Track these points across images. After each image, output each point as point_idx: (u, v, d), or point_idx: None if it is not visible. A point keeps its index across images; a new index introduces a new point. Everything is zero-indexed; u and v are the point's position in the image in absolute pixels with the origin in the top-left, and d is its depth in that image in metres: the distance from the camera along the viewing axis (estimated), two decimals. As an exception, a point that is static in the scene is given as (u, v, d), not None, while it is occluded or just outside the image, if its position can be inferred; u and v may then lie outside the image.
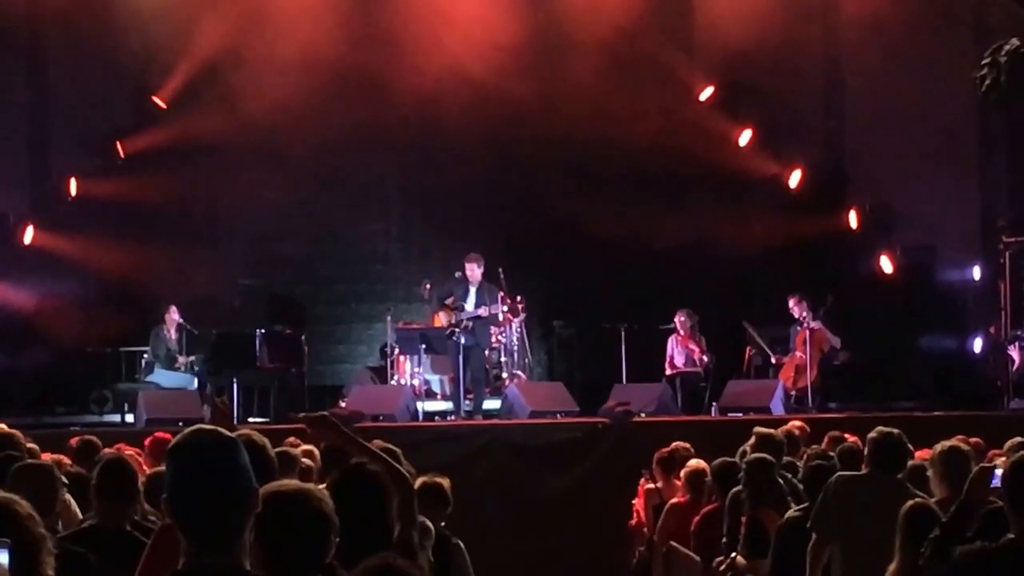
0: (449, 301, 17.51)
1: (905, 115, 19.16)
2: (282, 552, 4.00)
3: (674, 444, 12.40)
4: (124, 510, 6.41)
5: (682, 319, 18.28)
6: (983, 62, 14.76)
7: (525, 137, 19.57)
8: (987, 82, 14.77)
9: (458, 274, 17.73)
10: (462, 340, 17.12)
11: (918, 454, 8.68)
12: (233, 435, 3.56)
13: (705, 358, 18.22)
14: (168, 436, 11.07)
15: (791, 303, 18.15)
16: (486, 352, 17.74)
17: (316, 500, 4.14)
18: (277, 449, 8.97)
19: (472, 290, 17.31)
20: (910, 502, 6.68)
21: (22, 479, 6.12)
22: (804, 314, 18.01)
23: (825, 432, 11.76)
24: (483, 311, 17.12)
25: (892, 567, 6.41)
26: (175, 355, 18.00)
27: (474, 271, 17.29)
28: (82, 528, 6.48)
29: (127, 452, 9.19)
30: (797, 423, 12.28)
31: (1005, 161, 19.62)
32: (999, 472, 5.74)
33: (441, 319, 17.69)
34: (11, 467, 6.56)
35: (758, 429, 10.02)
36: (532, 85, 19.19)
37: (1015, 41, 14.67)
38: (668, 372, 18.25)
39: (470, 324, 17.17)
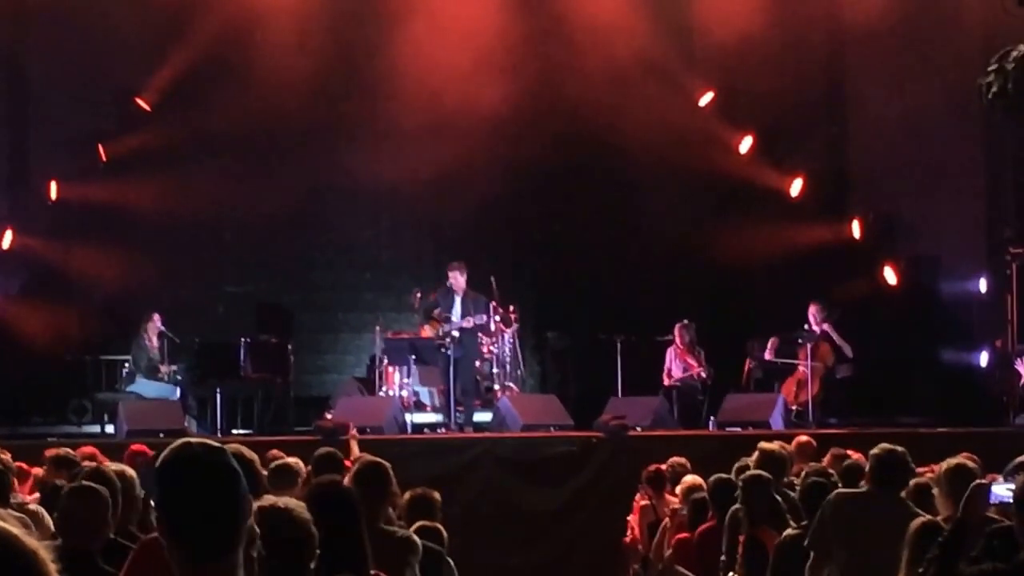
0: (436, 313, 17.26)
1: (909, 123, 18.89)
2: (261, 569, 3.72)
3: (671, 459, 12.32)
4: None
5: (681, 332, 18.00)
6: (989, 68, 14.36)
7: (519, 143, 19.41)
8: (993, 89, 14.37)
9: (449, 283, 17.50)
10: (450, 352, 16.84)
11: (920, 471, 8.75)
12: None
13: (704, 373, 17.93)
14: (145, 448, 10.78)
15: (812, 309, 17.77)
16: (476, 363, 17.67)
17: (297, 517, 4.19)
18: (277, 463, 8.66)
19: (457, 300, 17.11)
20: (919, 519, 6.62)
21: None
22: (824, 325, 17.68)
23: (827, 448, 11.82)
24: (468, 322, 16.92)
25: (896, 585, 6.32)
26: (157, 364, 17.74)
27: (457, 279, 17.15)
28: None
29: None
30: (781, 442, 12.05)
31: (1011, 170, 19.38)
32: (995, 489, 5.73)
33: (428, 332, 17.50)
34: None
35: (762, 445, 10.07)
36: (529, 91, 19.10)
37: (1023, 47, 14.30)
38: (665, 383, 17.96)
39: (457, 335, 16.97)
